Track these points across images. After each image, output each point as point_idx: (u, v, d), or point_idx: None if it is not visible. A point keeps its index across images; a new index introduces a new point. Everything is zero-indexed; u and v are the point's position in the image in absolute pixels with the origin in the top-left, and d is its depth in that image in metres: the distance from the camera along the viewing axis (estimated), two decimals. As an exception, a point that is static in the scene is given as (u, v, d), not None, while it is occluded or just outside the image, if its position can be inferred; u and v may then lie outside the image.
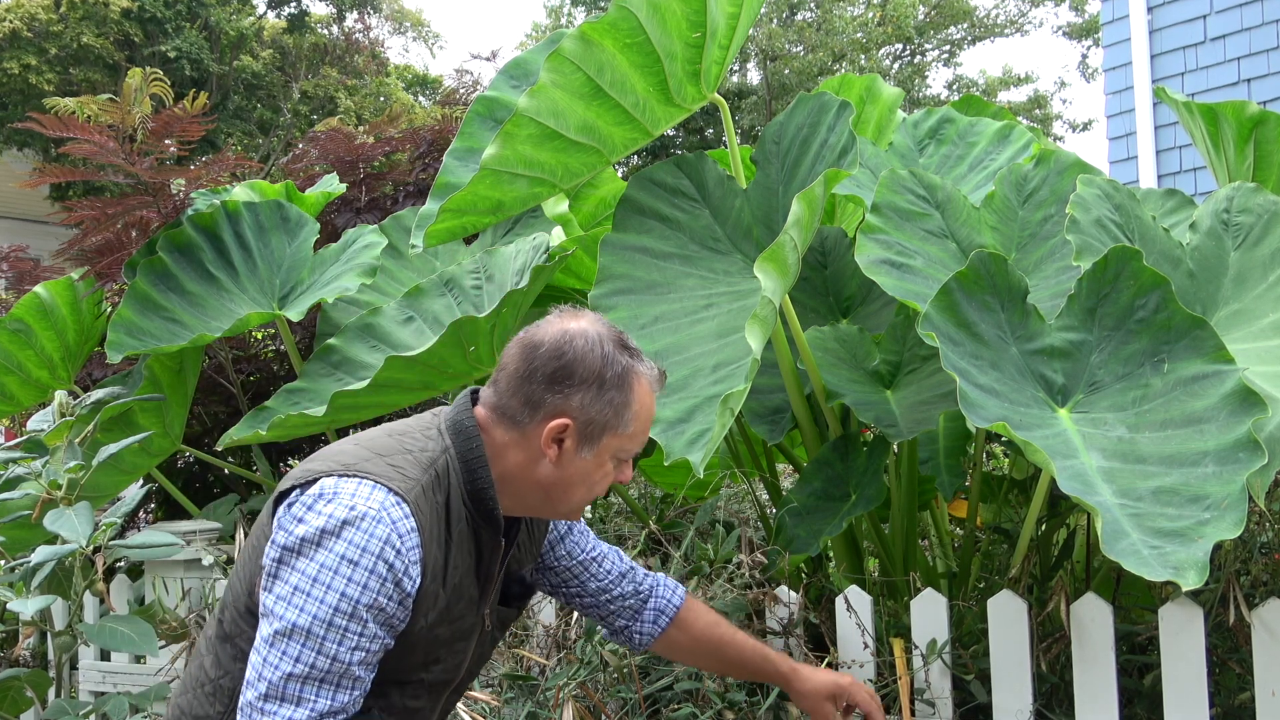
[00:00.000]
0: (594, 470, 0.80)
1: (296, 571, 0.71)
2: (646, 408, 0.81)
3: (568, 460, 0.79)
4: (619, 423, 0.79)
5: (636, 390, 0.79)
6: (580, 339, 0.79)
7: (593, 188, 1.83)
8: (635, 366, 0.80)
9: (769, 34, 10.61)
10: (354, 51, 8.90)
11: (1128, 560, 0.89)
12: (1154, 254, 1.18)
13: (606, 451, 0.80)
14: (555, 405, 0.78)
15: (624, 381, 0.79)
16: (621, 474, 0.82)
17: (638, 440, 0.81)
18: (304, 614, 0.70)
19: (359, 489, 0.73)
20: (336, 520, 0.71)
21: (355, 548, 0.70)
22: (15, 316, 1.79)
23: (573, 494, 0.81)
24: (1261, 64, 3.12)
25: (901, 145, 1.58)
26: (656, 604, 0.96)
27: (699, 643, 0.95)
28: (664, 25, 1.21)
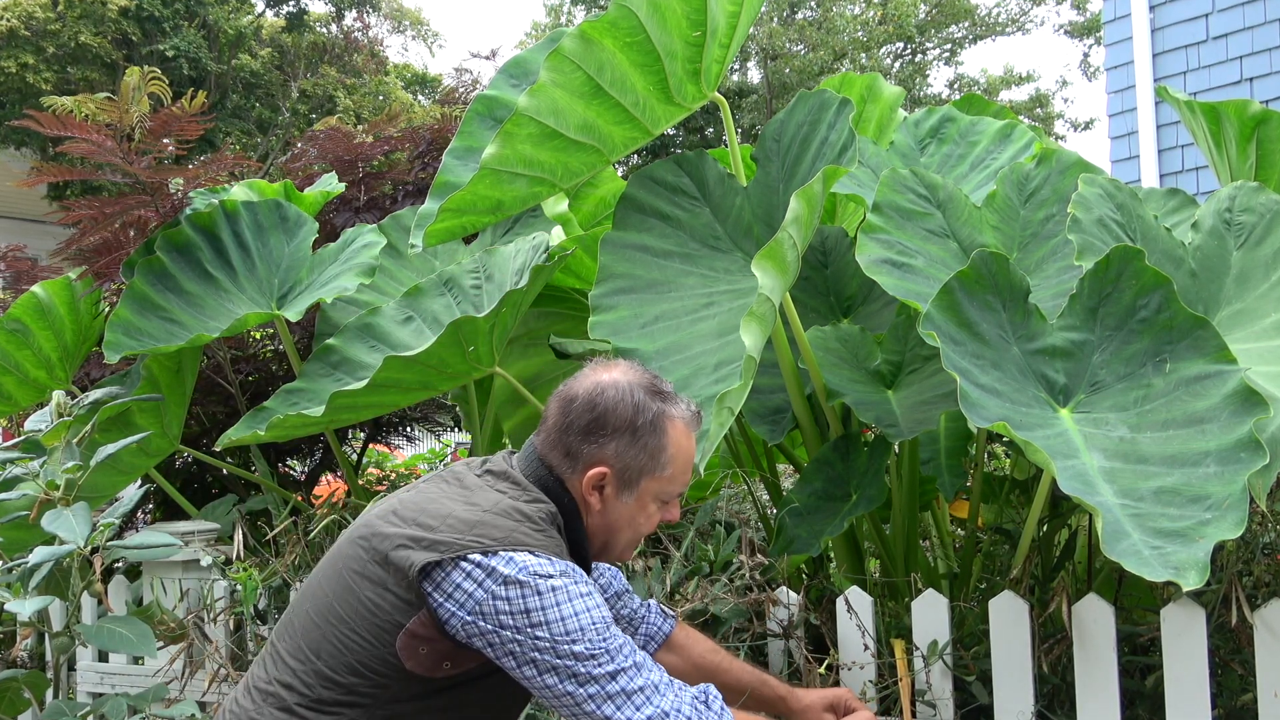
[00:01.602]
0: (638, 514, 0.85)
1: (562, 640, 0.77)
2: (683, 449, 0.85)
3: (610, 506, 0.85)
4: (655, 466, 0.84)
5: (670, 434, 0.84)
6: (612, 389, 0.84)
7: (593, 187, 1.83)
8: (667, 410, 0.84)
9: (770, 33, 10.61)
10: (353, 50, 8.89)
11: (1128, 560, 0.89)
12: (1156, 253, 1.18)
13: (647, 495, 0.85)
14: (592, 455, 0.84)
15: (657, 427, 0.84)
16: (668, 514, 0.87)
17: (678, 481, 0.85)
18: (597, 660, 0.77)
19: (539, 563, 0.78)
20: (559, 590, 0.78)
21: (586, 596, 0.78)
22: (13, 316, 1.79)
23: (620, 538, 0.86)
24: (1264, 63, 3.11)
25: (902, 144, 1.57)
26: (646, 630, 0.98)
27: (697, 668, 0.97)
28: (664, 24, 1.21)
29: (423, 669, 0.79)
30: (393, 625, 0.78)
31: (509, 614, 0.77)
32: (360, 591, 0.80)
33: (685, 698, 0.78)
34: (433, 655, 0.78)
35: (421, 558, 0.78)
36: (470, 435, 1.91)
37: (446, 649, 0.78)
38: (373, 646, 0.78)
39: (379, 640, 0.78)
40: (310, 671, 0.80)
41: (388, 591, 0.78)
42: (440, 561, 0.77)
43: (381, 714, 0.79)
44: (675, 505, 0.88)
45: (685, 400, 0.87)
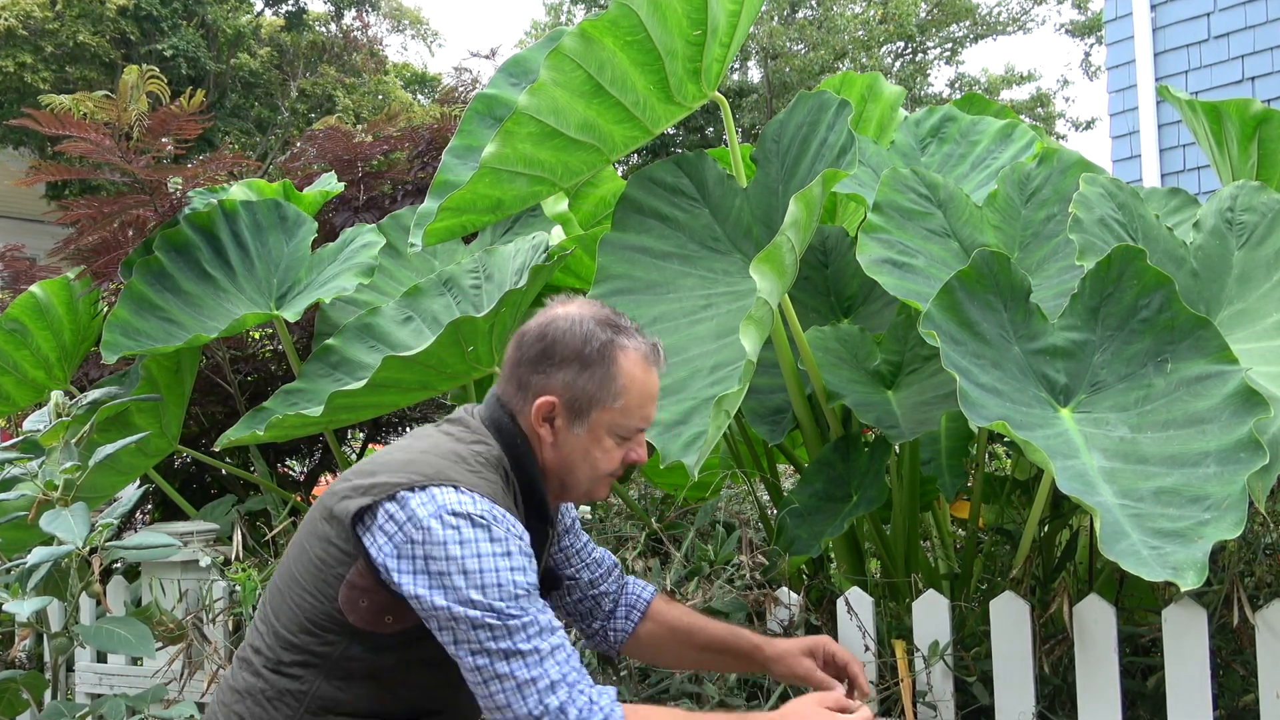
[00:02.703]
0: (592, 448, 0.81)
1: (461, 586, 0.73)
2: (638, 381, 0.81)
3: (562, 439, 0.82)
4: (606, 396, 0.80)
5: (622, 363, 0.80)
6: (563, 320, 0.81)
7: (593, 186, 1.82)
8: (618, 340, 0.81)
9: (770, 32, 10.60)
10: (352, 49, 8.88)
11: (1127, 561, 0.88)
12: (1157, 253, 1.18)
13: (600, 427, 0.81)
14: (540, 385, 0.81)
15: (606, 355, 0.80)
16: (633, 453, 0.83)
17: (634, 415, 0.81)
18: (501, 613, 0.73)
19: (460, 500, 0.75)
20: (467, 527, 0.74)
21: (496, 542, 0.74)
22: (11, 316, 1.78)
23: (577, 474, 0.83)
24: (1265, 62, 3.11)
25: (903, 144, 1.57)
26: (628, 600, 0.96)
27: (674, 631, 0.95)
28: (665, 23, 1.21)
29: (366, 623, 0.77)
30: (335, 578, 0.77)
31: (423, 558, 0.74)
32: (311, 550, 0.79)
33: (579, 701, 0.73)
34: (373, 608, 0.76)
35: (355, 504, 0.76)
36: (470, 435, 1.90)
37: (385, 600, 0.76)
38: (320, 603, 0.77)
39: (325, 595, 0.77)
40: (271, 634, 0.80)
41: (331, 545, 0.77)
42: (371, 505, 0.76)
43: (335, 674, 0.77)
44: (640, 444, 0.84)
45: (643, 334, 0.83)
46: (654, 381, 0.83)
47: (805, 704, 0.75)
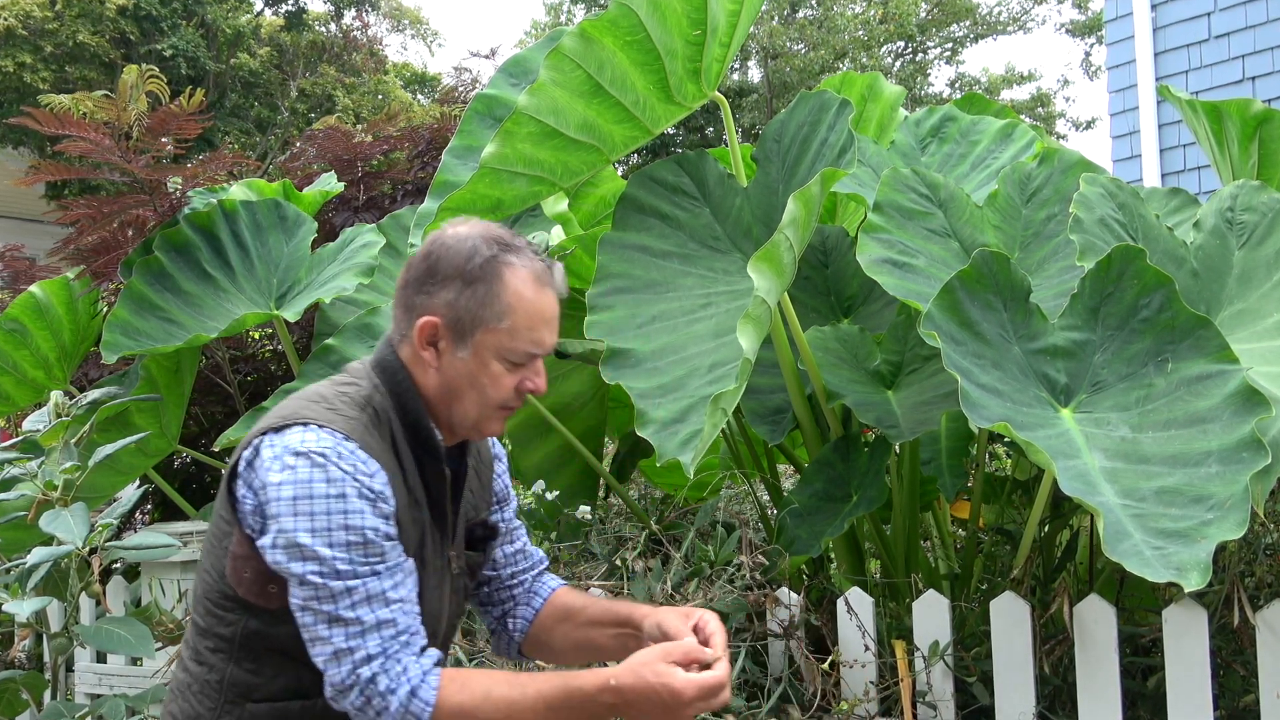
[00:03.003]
0: (479, 373, 0.76)
1: (293, 529, 0.69)
2: (526, 301, 0.76)
3: (446, 363, 0.76)
4: (490, 316, 0.75)
5: (508, 281, 0.75)
6: (450, 238, 0.77)
7: (593, 186, 1.82)
8: (506, 257, 0.76)
9: (770, 32, 10.59)
10: (352, 49, 8.88)
11: (1130, 561, 0.88)
12: (1158, 253, 1.18)
13: (486, 350, 0.76)
14: (423, 305, 0.76)
15: (490, 272, 0.75)
16: (528, 382, 0.77)
17: (522, 338, 0.76)
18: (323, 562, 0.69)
19: (305, 437, 0.71)
20: (304, 466, 0.70)
21: (332, 483, 0.69)
22: (11, 316, 1.78)
23: (464, 402, 0.77)
24: (1266, 62, 3.11)
25: (903, 144, 1.57)
26: (537, 589, 0.90)
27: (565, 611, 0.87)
28: (664, 23, 1.21)
29: (254, 596, 0.73)
30: (223, 551, 0.74)
31: (266, 503, 0.70)
32: (210, 528, 0.77)
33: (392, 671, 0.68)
34: (255, 577, 0.72)
35: (231, 467, 0.74)
36: (470, 435, 1.90)
37: (264, 568, 0.71)
38: (216, 580, 0.74)
39: (218, 571, 0.74)
40: (191, 625, 0.78)
41: (219, 517, 0.75)
42: (238, 461, 0.73)
43: (244, 656, 0.73)
44: (536, 372, 0.77)
45: (538, 253, 0.77)
46: (547, 303, 0.77)
47: (649, 654, 0.69)
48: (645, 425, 1.12)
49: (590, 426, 1.76)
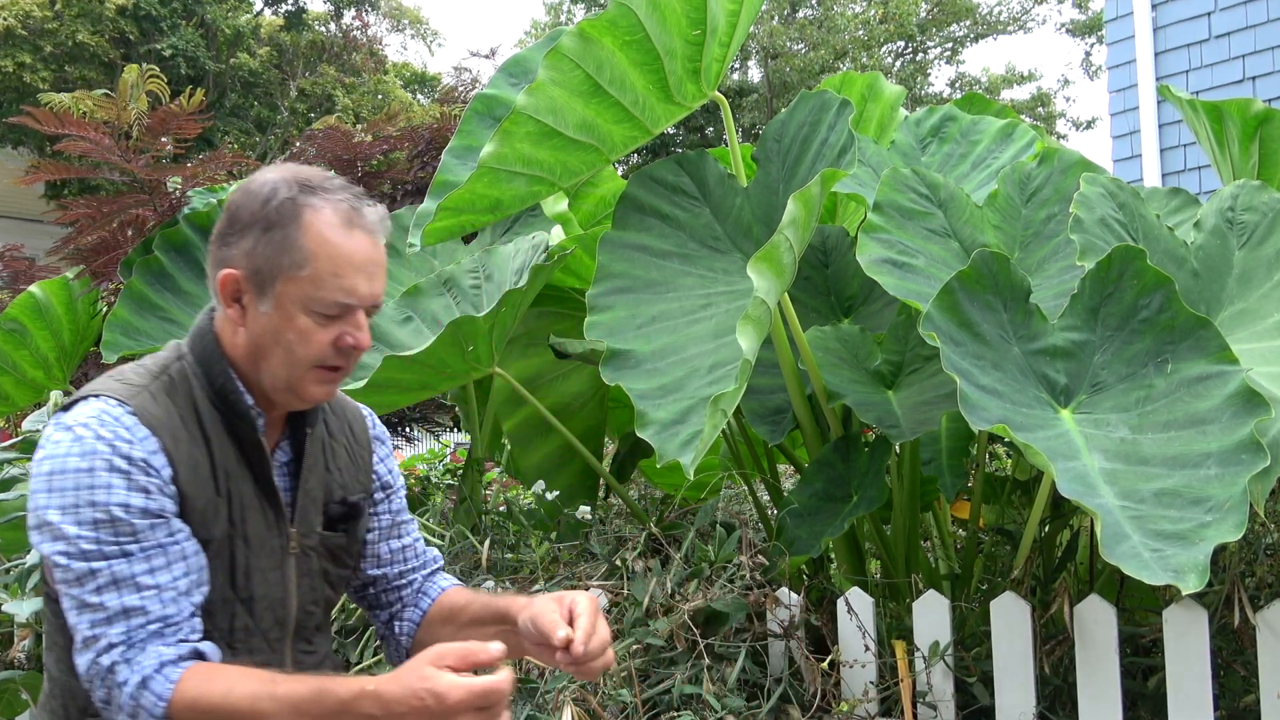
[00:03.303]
0: (284, 328, 0.69)
1: (44, 506, 0.65)
2: (329, 246, 0.68)
3: (251, 319, 0.70)
4: (290, 263, 0.68)
5: (310, 225, 0.68)
6: (255, 184, 0.71)
7: (593, 186, 1.82)
8: (306, 199, 0.69)
9: (770, 31, 10.59)
10: (352, 49, 8.88)
11: (1128, 563, 0.88)
12: (1158, 253, 1.18)
13: (289, 301, 0.69)
14: (225, 258, 0.70)
15: (289, 216, 0.68)
16: (345, 337, 0.70)
17: (327, 286, 0.68)
18: (69, 541, 0.64)
19: (79, 410, 0.67)
20: (65, 439, 0.66)
21: (84, 456, 0.65)
22: (10, 316, 1.78)
23: (270, 360, 0.70)
24: (1266, 61, 3.10)
25: (903, 143, 1.56)
26: (427, 589, 0.83)
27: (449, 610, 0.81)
28: (663, 22, 1.20)
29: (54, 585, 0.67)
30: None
31: (31, 479, 0.66)
32: None
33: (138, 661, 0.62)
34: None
35: None
36: (469, 435, 1.91)
37: None
38: (46, 574, 0.69)
39: (49, 593, 0.69)
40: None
41: None
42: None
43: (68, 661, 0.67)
44: (356, 326, 0.70)
45: (346, 195, 0.70)
46: (357, 248, 0.69)
47: (420, 661, 0.61)
48: (645, 426, 1.12)
49: (590, 426, 1.76)
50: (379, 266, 0.71)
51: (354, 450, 0.80)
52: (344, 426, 0.80)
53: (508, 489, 2.19)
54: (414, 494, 2.18)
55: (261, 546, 0.72)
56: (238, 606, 0.71)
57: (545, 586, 1.36)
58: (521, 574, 1.47)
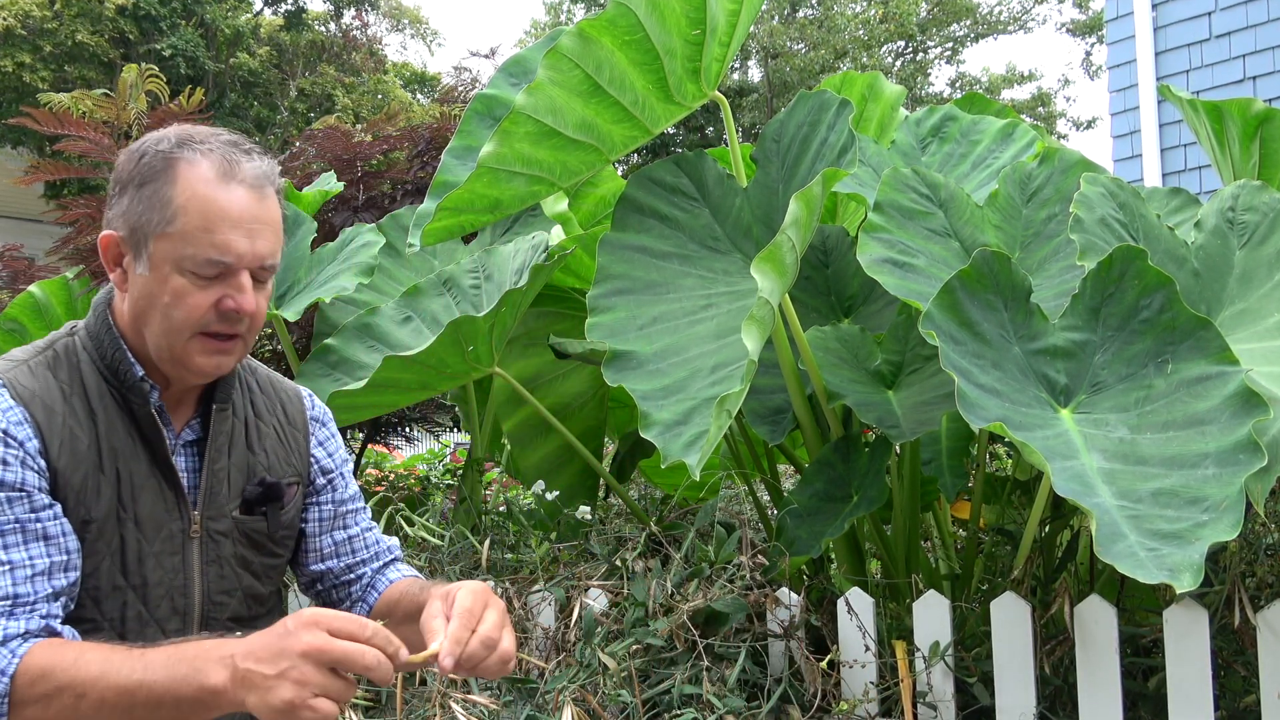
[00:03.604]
0: (158, 290, 0.65)
1: None
2: (200, 197, 0.65)
3: (132, 284, 0.67)
4: (160, 219, 0.65)
5: (179, 176, 0.65)
6: (136, 143, 0.68)
7: (593, 186, 1.82)
8: (182, 152, 0.65)
9: (770, 31, 10.59)
10: (351, 49, 8.87)
11: (1123, 563, 0.88)
12: (1159, 253, 1.17)
13: (162, 261, 0.65)
14: (108, 221, 0.68)
15: (160, 169, 0.65)
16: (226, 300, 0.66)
17: (199, 241, 0.64)
18: None
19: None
20: None
21: None
22: (9, 316, 1.78)
23: (152, 327, 0.67)
24: (1267, 61, 3.10)
25: (904, 143, 1.56)
26: (376, 584, 0.77)
27: (387, 606, 0.75)
28: (663, 22, 1.20)
29: None
30: None
31: None
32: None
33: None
34: None
35: None
36: (469, 436, 1.91)
37: None
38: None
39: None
40: None
41: None
42: None
43: None
44: (238, 288, 0.66)
45: (226, 147, 0.66)
46: (233, 201, 0.65)
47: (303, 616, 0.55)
48: (649, 427, 1.12)
49: (590, 427, 1.76)
50: (264, 224, 0.66)
51: (285, 431, 0.76)
52: (275, 406, 0.76)
53: (508, 489, 2.18)
54: (414, 494, 2.18)
55: (157, 530, 0.68)
56: (129, 594, 0.66)
57: (545, 587, 1.36)
58: (522, 574, 1.47)
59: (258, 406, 0.75)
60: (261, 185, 0.67)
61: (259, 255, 0.67)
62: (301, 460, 0.77)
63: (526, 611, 1.36)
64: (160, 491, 0.68)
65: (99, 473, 0.66)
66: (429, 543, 1.53)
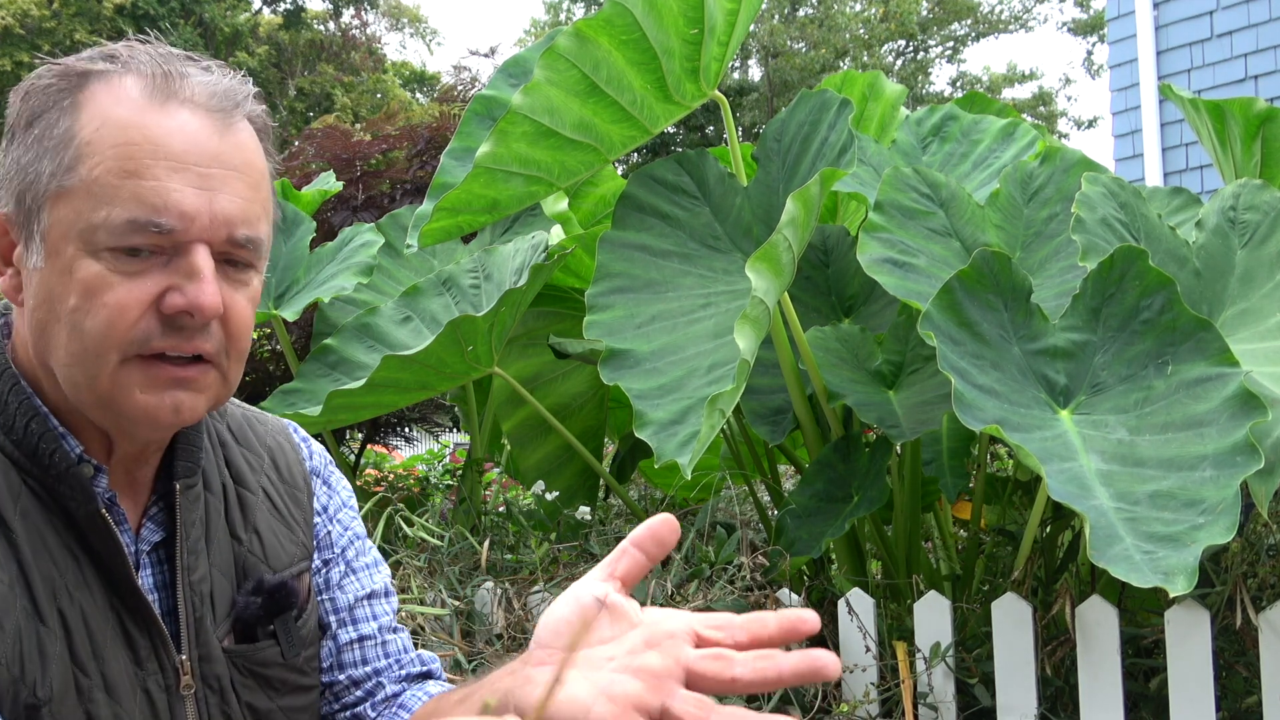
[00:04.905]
0: (59, 286, 0.40)
1: None
2: (116, 125, 0.40)
3: (26, 285, 0.41)
4: (54, 169, 0.40)
5: (87, 101, 0.40)
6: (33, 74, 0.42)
7: (592, 185, 1.82)
8: (95, 67, 0.41)
9: (771, 30, 10.58)
10: (350, 48, 8.87)
11: (1117, 566, 0.87)
12: (1160, 253, 1.17)
13: (61, 238, 0.39)
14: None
15: (60, 95, 0.40)
16: (173, 295, 0.40)
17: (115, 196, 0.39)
18: None
19: None
20: None
21: None
22: (9, 316, 1.77)
23: (55, 350, 0.41)
24: (1269, 60, 3.10)
25: (904, 143, 1.56)
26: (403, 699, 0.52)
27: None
28: (660, 22, 1.20)
29: None
30: None
31: None
32: None
33: None
34: None
35: None
36: (469, 436, 1.90)
37: None
38: None
39: None
40: None
41: None
42: None
43: None
44: (185, 272, 0.40)
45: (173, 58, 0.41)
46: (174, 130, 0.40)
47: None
48: (644, 426, 1.12)
49: (590, 427, 1.75)
50: (228, 169, 0.40)
51: (280, 496, 0.51)
52: (261, 461, 0.50)
53: (507, 489, 2.18)
54: (413, 495, 2.18)
55: (131, 694, 0.42)
56: None
57: (545, 588, 1.36)
58: (521, 575, 1.47)
59: (237, 467, 0.49)
60: (224, 109, 0.41)
61: (222, 218, 0.40)
62: (306, 533, 0.51)
63: (526, 612, 1.36)
64: (126, 634, 0.43)
65: (37, 623, 0.41)
66: (428, 543, 1.53)
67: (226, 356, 0.43)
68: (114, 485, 0.45)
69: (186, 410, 0.42)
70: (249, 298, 0.44)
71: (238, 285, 0.43)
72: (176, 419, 0.42)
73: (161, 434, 0.44)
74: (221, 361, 0.43)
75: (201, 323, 0.41)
